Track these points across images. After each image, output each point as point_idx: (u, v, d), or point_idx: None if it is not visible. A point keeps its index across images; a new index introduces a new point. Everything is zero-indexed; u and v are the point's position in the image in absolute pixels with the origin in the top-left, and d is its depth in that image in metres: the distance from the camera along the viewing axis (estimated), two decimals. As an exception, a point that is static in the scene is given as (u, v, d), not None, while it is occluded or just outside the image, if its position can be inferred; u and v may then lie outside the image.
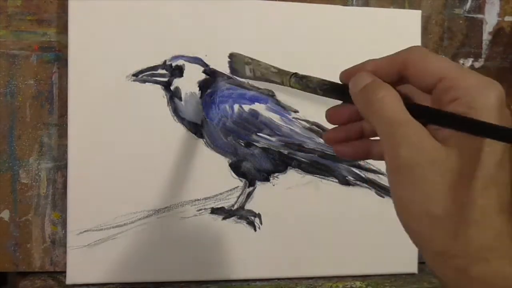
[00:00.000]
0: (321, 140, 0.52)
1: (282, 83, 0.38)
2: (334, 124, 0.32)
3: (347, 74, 0.29)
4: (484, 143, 0.23)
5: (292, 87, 0.35)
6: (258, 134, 0.51)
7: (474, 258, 0.23)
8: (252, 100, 0.51)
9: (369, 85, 0.27)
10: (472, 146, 0.24)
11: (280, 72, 0.39)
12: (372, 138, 0.32)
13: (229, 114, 0.50)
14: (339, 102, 0.31)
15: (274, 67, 0.42)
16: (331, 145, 0.32)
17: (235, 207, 0.51)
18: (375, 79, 0.27)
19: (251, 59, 0.48)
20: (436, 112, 0.25)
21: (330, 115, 0.32)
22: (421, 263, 0.54)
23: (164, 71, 0.49)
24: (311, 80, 0.33)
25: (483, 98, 0.24)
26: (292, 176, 0.52)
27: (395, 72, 0.27)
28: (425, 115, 0.25)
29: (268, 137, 0.51)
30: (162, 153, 0.49)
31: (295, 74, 0.35)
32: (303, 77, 0.34)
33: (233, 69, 0.50)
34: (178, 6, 0.49)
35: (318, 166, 0.52)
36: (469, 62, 0.58)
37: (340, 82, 0.30)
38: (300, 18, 0.51)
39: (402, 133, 0.24)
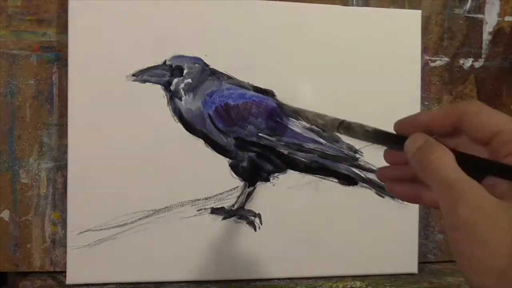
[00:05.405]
0: (321, 140, 0.52)
1: (330, 130, 0.37)
2: (390, 163, 0.33)
3: (401, 125, 0.30)
4: None
5: (341, 134, 0.35)
6: (258, 134, 0.51)
7: None
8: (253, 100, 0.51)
9: (423, 147, 0.27)
10: None
11: (327, 123, 0.38)
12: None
13: (229, 114, 0.50)
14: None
15: (321, 118, 0.39)
16: (384, 182, 0.33)
17: (235, 207, 0.51)
18: (428, 140, 0.27)
19: (299, 110, 0.47)
20: (494, 165, 0.26)
21: (387, 155, 0.33)
22: (421, 263, 0.54)
23: (164, 71, 0.49)
24: (356, 130, 0.32)
25: None
26: (292, 176, 0.52)
27: (450, 124, 0.28)
28: (482, 169, 0.26)
29: (268, 137, 0.51)
30: (162, 153, 0.49)
31: (342, 124, 0.34)
32: (349, 128, 0.33)
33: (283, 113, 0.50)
34: (178, 6, 0.49)
35: (318, 166, 0.52)
36: (469, 62, 0.58)
37: (382, 130, 0.30)
38: (300, 18, 0.51)
39: (458, 192, 0.24)
